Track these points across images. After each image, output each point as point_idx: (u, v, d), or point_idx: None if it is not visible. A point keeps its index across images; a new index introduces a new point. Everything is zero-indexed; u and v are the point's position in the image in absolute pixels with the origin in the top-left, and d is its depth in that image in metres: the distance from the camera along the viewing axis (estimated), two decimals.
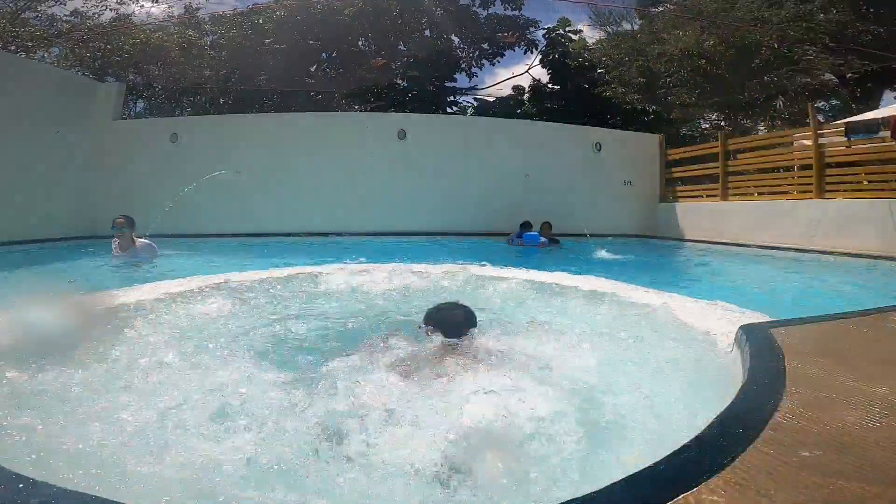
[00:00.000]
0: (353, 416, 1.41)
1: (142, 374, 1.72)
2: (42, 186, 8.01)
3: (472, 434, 1.31)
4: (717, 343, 1.98)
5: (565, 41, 19.12)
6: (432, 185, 9.91)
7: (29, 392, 1.54)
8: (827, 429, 1.06)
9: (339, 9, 17.68)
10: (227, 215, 9.22)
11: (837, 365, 1.49)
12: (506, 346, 2.00)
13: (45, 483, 0.88)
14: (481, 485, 1.14)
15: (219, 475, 1.18)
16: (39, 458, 1.18)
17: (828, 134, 7.58)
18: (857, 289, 4.97)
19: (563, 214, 9.20)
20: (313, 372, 1.77)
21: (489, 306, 2.95)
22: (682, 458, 0.94)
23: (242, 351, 2.05)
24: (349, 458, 1.26)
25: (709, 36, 13.37)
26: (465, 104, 21.94)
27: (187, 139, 9.63)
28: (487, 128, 11.39)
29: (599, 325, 2.51)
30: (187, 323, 2.50)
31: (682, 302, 2.64)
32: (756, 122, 17.73)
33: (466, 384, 1.57)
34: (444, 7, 19.27)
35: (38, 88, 8.23)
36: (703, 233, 8.75)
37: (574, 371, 1.80)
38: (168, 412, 1.46)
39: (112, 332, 2.10)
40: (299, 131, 10.06)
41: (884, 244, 6.00)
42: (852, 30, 12.66)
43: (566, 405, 1.49)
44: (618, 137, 11.22)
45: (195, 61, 17.28)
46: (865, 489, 0.84)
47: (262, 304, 2.97)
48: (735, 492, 0.82)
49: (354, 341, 2.19)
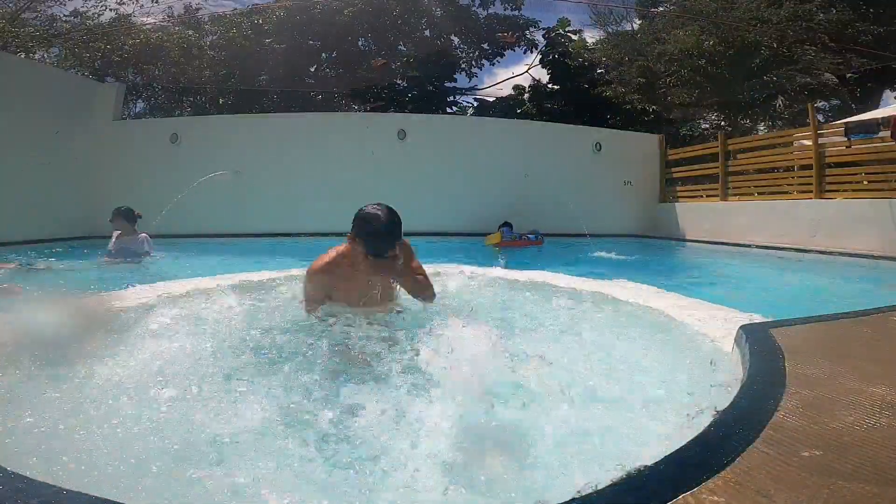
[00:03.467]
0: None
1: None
2: (42, 187, 8.01)
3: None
4: (717, 343, 1.98)
5: (565, 41, 19.12)
6: (432, 185, 9.91)
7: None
8: (827, 429, 1.06)
9: (339, 9, 17.68)
10: (228, 215, 9.23)
11: (837, 365, 1.49)
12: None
13: (45, 483, 0.88)
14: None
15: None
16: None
17: (828, 134, 7.58)
18: (857, 289, 4.97)
19: (563, 214, 9.21)
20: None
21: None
22: (682, 458, 0.94)
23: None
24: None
25: (709, 36, 13.38)
26: (464, 104, 21.97)
27: (187, 139, 9.64)
28: (487, 128, 11.40)
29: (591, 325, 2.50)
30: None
31: (679, 301, 2.64)
32: (756, 122, 17.73)
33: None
34: (443, 7, 19.29)
35: (38, 89, 8.24)
36: (703, 233, 8.76)
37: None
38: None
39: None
40: (299, 131, 10.06)
41: (884, 244, 6.00)
42: (852, 29, 12.68)
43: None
44: (618, 137, 11.22)
45: (195, 61, 17.28)
46: (865, 489, 0.84)
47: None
48: (735, 492, 0.82)
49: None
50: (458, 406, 1.36)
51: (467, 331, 1.71)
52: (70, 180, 8.67)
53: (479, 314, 2.60)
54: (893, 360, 1.59)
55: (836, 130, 7.63)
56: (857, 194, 6.97)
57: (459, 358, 1.55)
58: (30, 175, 7.85)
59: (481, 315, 2.60)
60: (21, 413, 1.41)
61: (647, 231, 10.07)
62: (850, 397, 1.23)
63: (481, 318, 2.50)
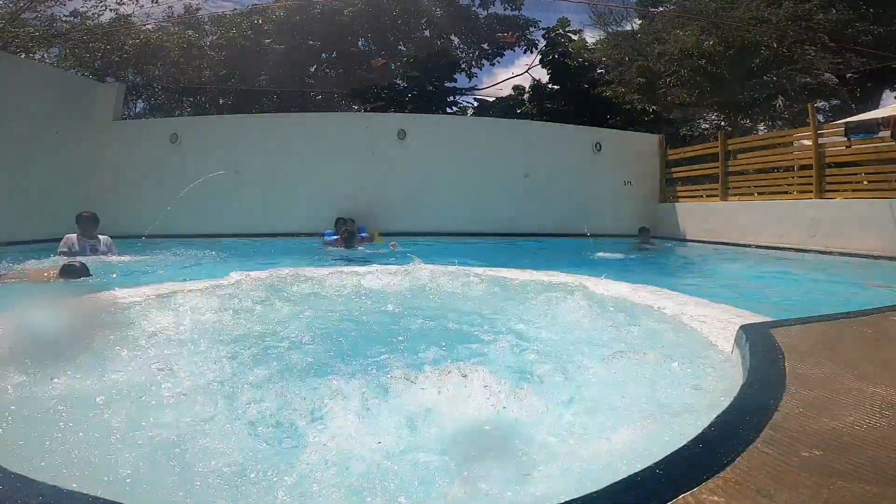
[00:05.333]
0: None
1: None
2: (42, 187, 8.00)
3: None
4: (717, 343, 1.98)
5: (565, 41, 19.10)
6: (432, 185, 9.91)
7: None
8: (827, 429, 1.06)
9: (339, 9, 17.67)
10: (227, 215, 9.23)
11: (837, 365, 1.49)
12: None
13: (45, 483, 0.87)
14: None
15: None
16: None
17: (828, 134, 7.58)
18: (858, 288, 4.97)
19: (563, 214, 9.20)
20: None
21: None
22: (682, 458, 0.94)
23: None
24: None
25: (709, 36, 13.37)
26: (464, 104, 21.93)
27: (187, 139, 9.63)
28: (487, 128, 11.40)
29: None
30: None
31: (679, 300, 2.64)
32: (756, 122, 17.72)
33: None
34: (443, 7, 19.26)
35: (38, 89, 8.23)
36: (703, 233, 8.76)
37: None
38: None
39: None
40: (299, 131, 10.06)
41: (884, 244, 6.00)
42: (852, 29, 12.67)
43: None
44: (618, 137, 11.22)
45: (195, 61, 17.27)
46: (865, 489, 0.84)
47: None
48: (735, 492, 0.82)
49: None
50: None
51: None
52: (70, 180, 8.66)
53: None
54: (893, 360, 1.59)
55: (836, 130, 7.63)
56: (857, 194, 6.96)
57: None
58: (30, 175, 7.85)
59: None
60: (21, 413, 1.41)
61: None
62: (850, 397, 1.24)
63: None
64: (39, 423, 1.37)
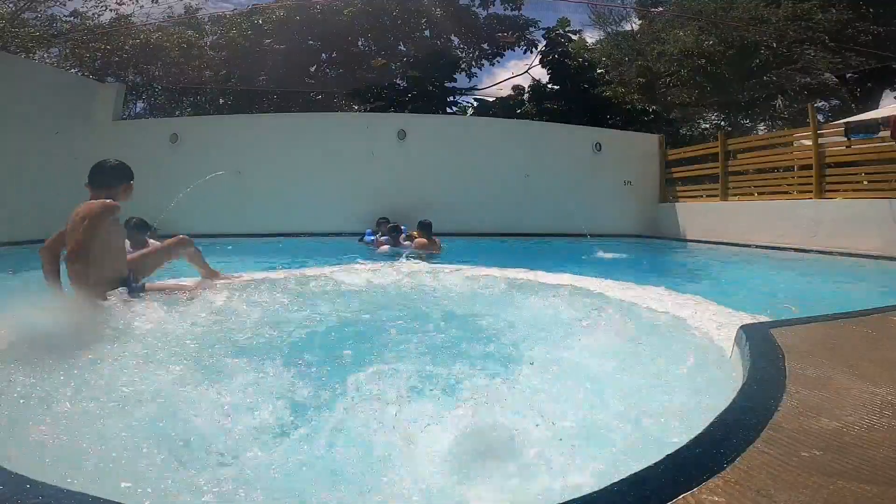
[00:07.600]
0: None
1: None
2: (42, 187, 8.00)
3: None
4: (718, 343, 1.98)
5: (565, 41, 19.10)
6: (432, 185, 9.91)
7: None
8: (827, 429, 1.06)
9: (339, 9, 17.67)
10: (227, 216, 9.22)
11: (837, 365, 1.49)
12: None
13: (45, 483, 0.88)
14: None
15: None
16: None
17: (828, 134, 7.58)
18: (857, 288, 4.97)
19: (563, 214, 9.20)
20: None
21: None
22: (682, 458, 0.94)
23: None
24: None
25: (708, 36, 13.38)
26: (465, 104, 21.92)
27: (187, 139, 9.64)
28: (487, 128, 11.39)
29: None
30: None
31: (679, 300, 2.64)
32: (756, 122, 17.74)
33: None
34: (443, 7, 19.25)
35: (38, 89, 8.23)
36: (703, 233, 8.76)
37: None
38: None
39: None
40: (299, 131, 10.05)
41: (884, 244, 6.00)
42: (852, 29, 12.67)
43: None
44: (618, 137, 11.22)
45: (195, 61, 17.27)
46: (865, 489, 0.84)
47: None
48: (735, 492, 0.82)
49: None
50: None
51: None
52: (70, 180, 8.64)
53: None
54: (893, 360, 1.59)
55: (836, 130, 7.63)
56: (857, 194, 6.96)
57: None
58: (30, 175, 7.85)
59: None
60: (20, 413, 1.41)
61: (647, 231, 10.07)
62: (849, 397, 1.24)
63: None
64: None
